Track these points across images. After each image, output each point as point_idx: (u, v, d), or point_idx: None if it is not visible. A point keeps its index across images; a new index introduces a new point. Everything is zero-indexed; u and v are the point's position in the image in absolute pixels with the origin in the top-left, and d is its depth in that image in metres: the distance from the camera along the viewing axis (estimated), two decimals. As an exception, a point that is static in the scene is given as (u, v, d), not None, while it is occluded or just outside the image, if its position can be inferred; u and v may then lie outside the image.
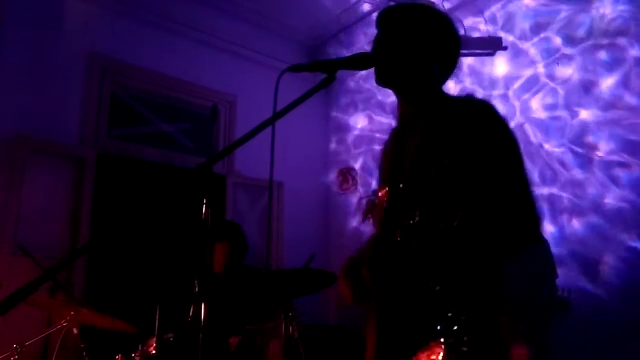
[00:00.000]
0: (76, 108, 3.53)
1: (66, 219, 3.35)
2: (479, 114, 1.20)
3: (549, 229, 3.07)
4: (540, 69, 3.43)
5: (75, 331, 2.44)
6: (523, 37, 3.56)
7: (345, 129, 4.80)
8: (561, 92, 3.28)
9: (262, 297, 3.03)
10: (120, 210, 3.50)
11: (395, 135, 1.40)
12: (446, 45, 1.32)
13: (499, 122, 1.19)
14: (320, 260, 3.06)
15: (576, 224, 3.04)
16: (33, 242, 2.91)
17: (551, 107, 3.32)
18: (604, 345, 2.73)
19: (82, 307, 2.44)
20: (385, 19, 1.33)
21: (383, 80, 1.31)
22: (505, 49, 3.56)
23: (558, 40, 3.35)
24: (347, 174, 4.65)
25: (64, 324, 2.39)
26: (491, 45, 3.61)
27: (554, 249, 2.86)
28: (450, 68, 1.34)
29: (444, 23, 1.33)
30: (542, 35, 3.44)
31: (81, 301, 2.78)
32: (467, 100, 1.26)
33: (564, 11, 3.35)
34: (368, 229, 4.13)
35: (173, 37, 4.05)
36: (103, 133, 3.65)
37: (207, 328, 2.09)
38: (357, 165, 4.58)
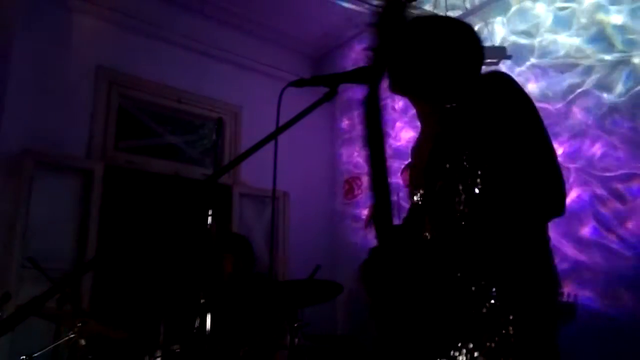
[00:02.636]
0: (83, 121, 3.57)
1: (74, 230, 3.38)
2: (490, 89, 1.16)
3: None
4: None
5: (83, 342, 2.45)
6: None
7: (351, 137, 4.81)
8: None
9: (268, 308, 3.03)
10: (128, 221, 3.52)
11: (418, 142, 1.40)
12: (461, 53, 1.28)
13: (513, 92, 1.14)
14: (327, 270, 3.06)
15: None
16: (41, 253, 2.93)
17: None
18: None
19: (89, 319, 2.45)
20: (404, 29, 1.32)
21: (394, 91, 1.33)
22: (509, 57, 3.57)
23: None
24: (352, 183, 4.65)
25: (72, 335, 2.40)
26: (495, 54, 3.63)
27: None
28: (469, 74, 1.28)
29: (459, 31, 1.30)
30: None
31: (88, 312, 2.80)
32: (479, 80, 1.22)
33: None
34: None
35: (179, 49, 4.10)
36: (110, 145, 3.69)
37: (213, 339, 2.10)
38: (363, 174, 4.58)
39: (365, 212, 4.32)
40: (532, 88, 3.46)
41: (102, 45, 3.74)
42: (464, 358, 1.06)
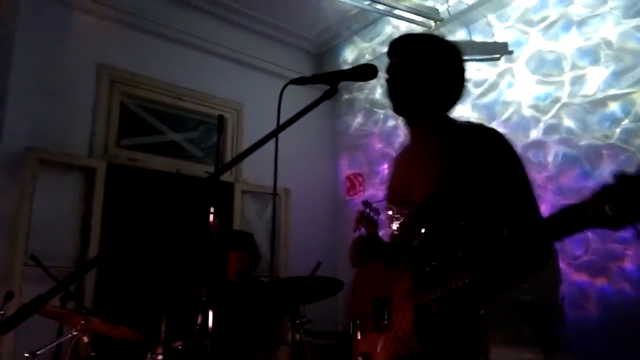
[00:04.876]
0: (85, 118, 3.58)
1: (77, 228, 3.39)
2: (492, 142, 1.31)
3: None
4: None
5: (86, 340, 2.46)
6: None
7: (352, 134, 4.81)
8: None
9: (270, 305, 3.04)
10: (130, 219, 3.53)
11: (405, 156, 1.51)
12: (453, 73, 1.40)
13: (510, 151, 1.31)
14: (328, 266, 3.06)
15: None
16: (44, 251, 2.94)
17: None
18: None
19: (92, 316, 2.46)
20: (396, 48, 1.41)
21: (398, 113, 1.42)
22: (510, 52, 3.57)
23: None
24: (354, 179, 4.65)
25: (75, 333, 2.41)
26: (497, 50, 3.62)
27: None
28: (457, 95, 1.42)
29: (452, 53, 1.40)
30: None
31: (91, 310, 2.81)
32: (479, 127, 1.37)
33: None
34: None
35: (180, 46, 4.10)
36: (112, 143, 3.70)
37: (219, 336, 2.11)
38: (365, 171, 4.58)
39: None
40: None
41: (103, 43, 3.74)
42: None
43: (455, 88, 1.41)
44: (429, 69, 1.36)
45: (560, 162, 3.14)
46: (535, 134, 3.32)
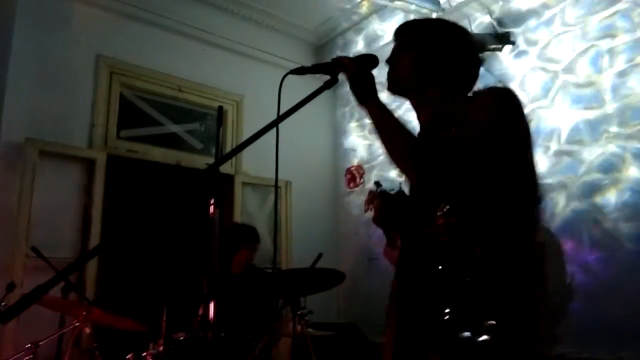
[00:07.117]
0: (85, 110, 3.57)
1: (77, 219, 3.39)
2: (483, 93, 1.22)
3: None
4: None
5: (88, 330, 2.46)
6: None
7: (353, 126, 4.79)
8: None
9: (271, 296, 3.05)
10: (130, 210, 3.53)
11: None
12: (459, 56, 1.32)
13: (497, 95, 1.21)
14: (329, 258, 3.07)
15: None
16: (45, 243, 2.93)
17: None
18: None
19: (93, 307, 2.47)
20: (399, 32, 1.39)
21: (391, 91, 1.36)
22: (513, 43, 3.54)
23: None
24: (355, 171, 4.65)
25: (77, 324, 2.42)
26: (499, 41, 3.59)
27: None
28: (466, 78, 1.34)
29: (456, 35, 1.35)
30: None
31: (93, 301, 2.82)
32: (479, 90, 1.28)
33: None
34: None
35: (179, 37, 4.08)
36: (112, 134, 3.69)
37: (221, 327, 2.11)
38: (365, 163, 4.58)
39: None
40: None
41: (103, 34, 3.72)
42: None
43: (457, 69, 1.32)
44: (424, 48, 1.31)
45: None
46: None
